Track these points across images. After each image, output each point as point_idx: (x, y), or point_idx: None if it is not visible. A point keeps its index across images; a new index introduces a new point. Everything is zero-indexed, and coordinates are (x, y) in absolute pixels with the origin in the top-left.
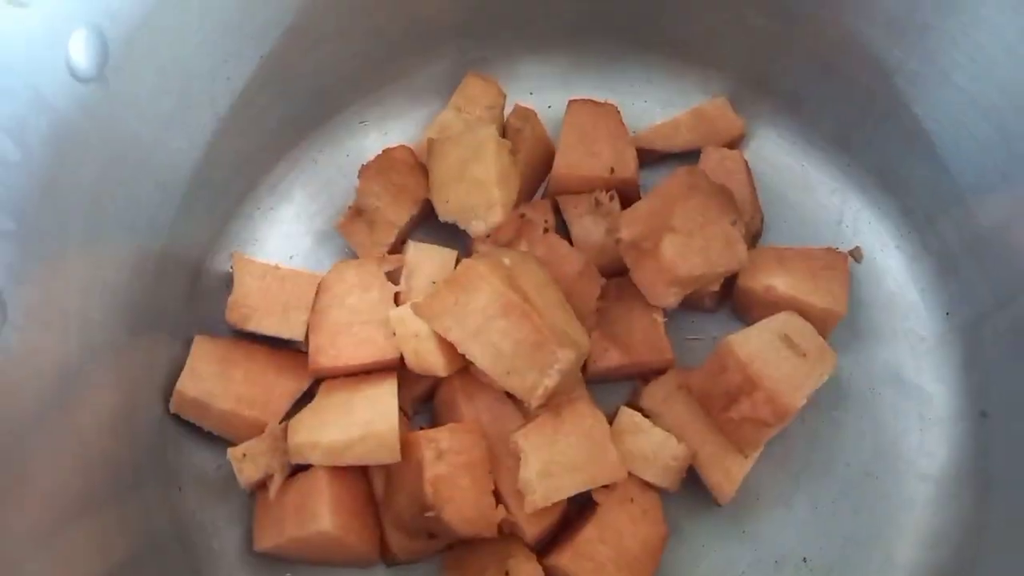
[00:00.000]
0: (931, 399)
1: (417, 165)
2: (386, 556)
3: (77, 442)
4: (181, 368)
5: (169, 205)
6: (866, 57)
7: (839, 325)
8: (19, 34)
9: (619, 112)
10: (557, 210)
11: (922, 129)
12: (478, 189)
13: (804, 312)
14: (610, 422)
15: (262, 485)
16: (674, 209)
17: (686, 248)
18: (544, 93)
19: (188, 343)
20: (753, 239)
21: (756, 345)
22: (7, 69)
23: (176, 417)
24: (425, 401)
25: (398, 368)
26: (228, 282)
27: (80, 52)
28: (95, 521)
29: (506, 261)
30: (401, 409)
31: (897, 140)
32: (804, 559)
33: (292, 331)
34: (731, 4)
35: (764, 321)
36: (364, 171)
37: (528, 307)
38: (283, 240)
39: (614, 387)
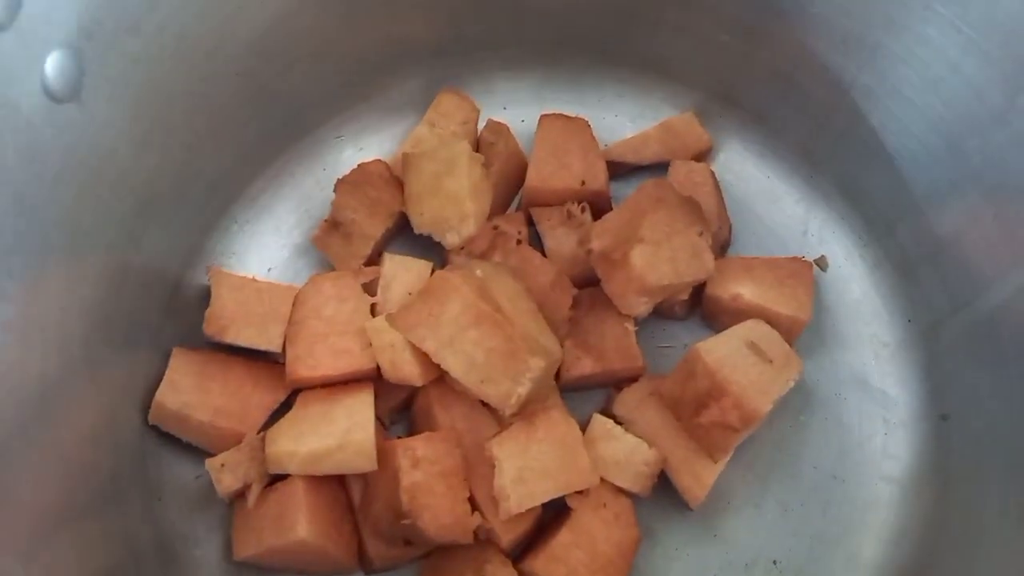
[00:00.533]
0: (894, 403)
1: (392, 179)
2: (364, 564)
3: (58, 455)
4: (160, 380)
5: (147, 220)
6: (825, 74)
7: (805, 332)
8: None
9: (590, 126)
10: (530, 222)
11: (878, 142)
12: (452, 202)
13: (770, 319)
14: (584, 430)
15: (241, 495)
16: (643, 220)
17: (655, 258)
18: (517, 108)
19: (167, 356)
20: (721, 249)
21: (724, 352)
22: None
23: (155, 429)
24: (402, 411)
25: (375, 378)
26: (206, 295)
27: (56, 73)
28: (77, 533)
29: (478, 272)
30: (378, 419)
31: (856, 152)
32: (774, 561)
33: (270, 343)
34: (698, 22)
35: (732, 329)
36: (340, 185)
37: (500, 316)
38: (261, 253)
39: (588, 395)
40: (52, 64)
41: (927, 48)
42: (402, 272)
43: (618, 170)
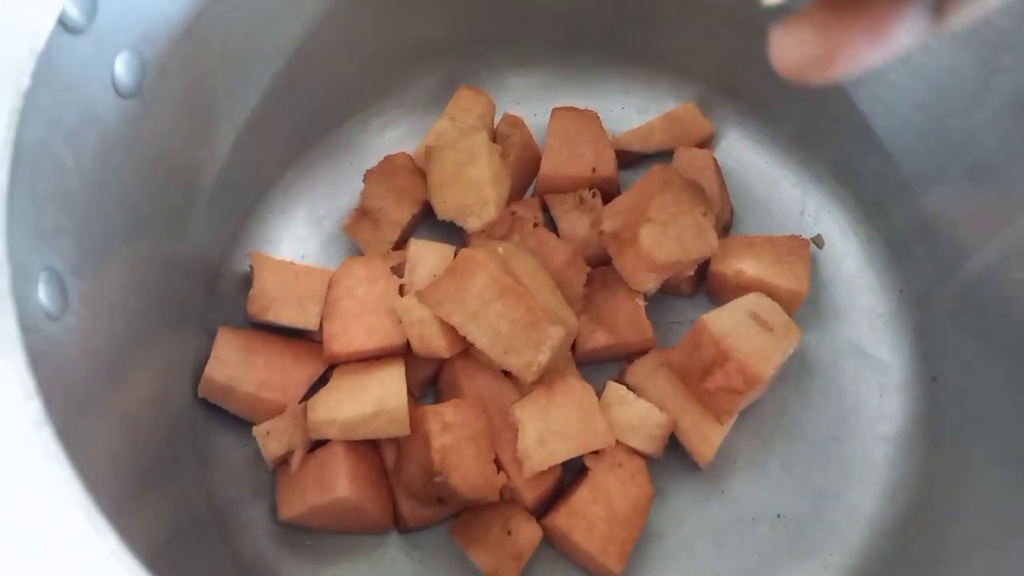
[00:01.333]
0: (888, 368)
1: (416, 169)
2: (399, 523)
3: (126, 420)
4: (205, 359)
5: (194, 209)
6: None
7: (805, 305)
8: (74, 56)
9: (599, 118)
10: (545, 207)
11: (868, 125)
12: (473, 189)
13: (771, 293)
14: (600, 397)
15: (284, 461)
16: (650, 203)
17: (662, 237)
18: (530, 103)
19: (211, 336)
20: (724, 229)
21: (728, 322)
22: (65, 87)
23: (204, 402)
24: (430, 384)
25: (405, 353)
26: (245, 281)
27: (123, 72)
28: (149, 497)
29: (500, 250)
30: (408, 390)
31: (848, 136)
32: (779, 515)
33: (307, 321)
34: (698, 18)
35: (735, 301)
36: (368, 175)
37: (522, 289)
38: (295, 241)
39: (602, 368)
40: (121, 63)
41: None
42: (427, 255)
43: (626, 158)
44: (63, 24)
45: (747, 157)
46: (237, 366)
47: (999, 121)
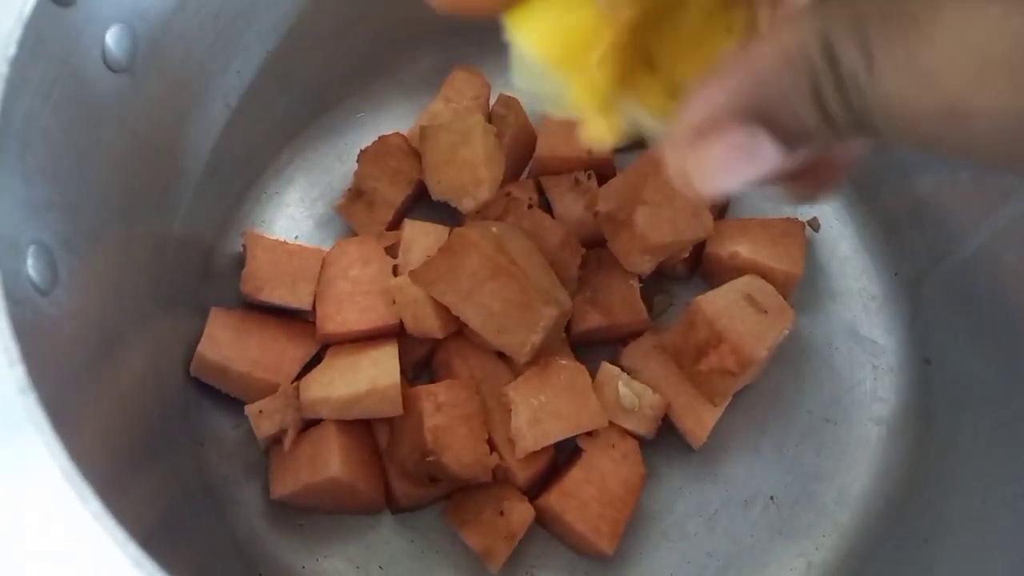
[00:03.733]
0: (882, 350)
1: (410, 150)
2: (392, 503)
3: (119, 397)
4: (198, 338)
5: (187, 188)
6: None
7: (801, 288)
8: (65, 29)
9: None
10: (540, 189)
11: None
12: (467, 169)
13: (766, 275)
14: (593, 378)
15: (277, 440)
16: (645, 184)
17: (657, 218)
18: None
19: (203, 316)
20: (720, 212)
21: (722, 304)
22: (56, 59)
23: (196, 381)
24: (423, 365)
25: (398, 333)
26: (239, 261)
27: (114, 46)
28: (142, 475)
29: (494, 230)
30: (401, 372)
31: None
32: (771, 497)
33: (300, 301)
34: None
35: (729, 283)
36: (362, 156)
37: (515, 268)
38: (288, 222)
39: (597, 350)
40: (111, 37)
41: None
42: (421, 236)
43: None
44: None
45: None
46: (230, 346)
47: None
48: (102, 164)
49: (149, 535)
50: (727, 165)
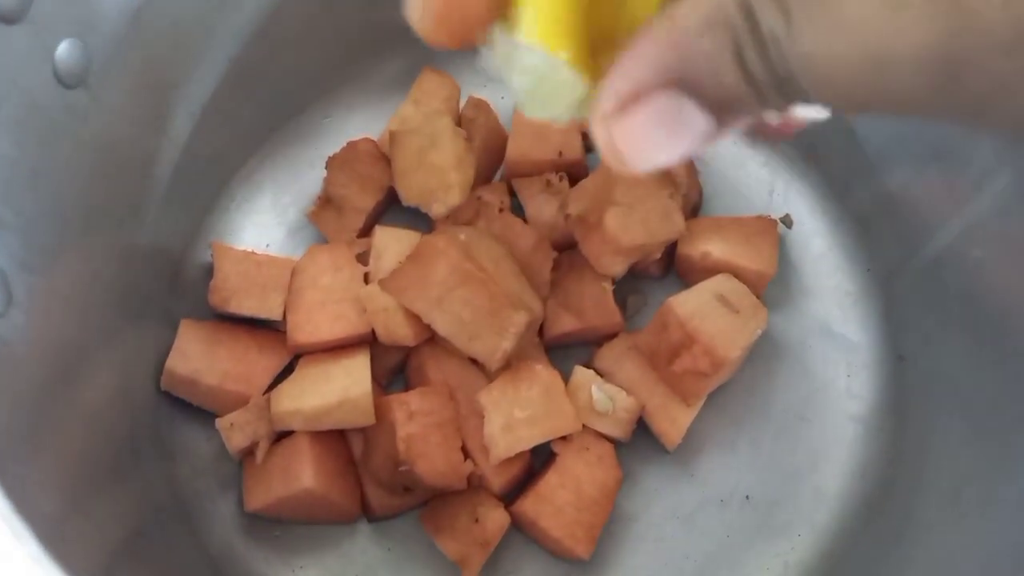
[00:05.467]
0: (857, 347)
1: (380, 155)
2: (368, 513)
3: (82, 417)
4: (168, 351)
5: (152, 200)
6: None
7: (774, 285)
8: (12, 48)
9: None
10: (512, 192)
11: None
12: (437, 174)
13: (738, 274)
14: (568, 383)
15: (249, 452)
16: (616, 185)
17: (627, 220)
18: (496, 86)
19: (174, 328)
20: (693, 210)
21: (694, 304)
22: (4, 79)
23: (167, 395)
24: (397, 372)
25: (370, 342)
26: (208, 272)
27: (66, 60)
28: (107, 493)
29: (462, 236)
30: (375, 380)
31: None
32: (747, 496)
33: (270, 312)
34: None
35: (702, 283)
36: (331, 162)
37: (484, 275)
38: (258, 231)
39: (571, 352)
40: (62, 52)
41: None
42: (393, 242)
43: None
44: None
45: None
46: (200, 358)
47: None
48: (60, 180)
49: (115, 556)
50: (656, 137)
